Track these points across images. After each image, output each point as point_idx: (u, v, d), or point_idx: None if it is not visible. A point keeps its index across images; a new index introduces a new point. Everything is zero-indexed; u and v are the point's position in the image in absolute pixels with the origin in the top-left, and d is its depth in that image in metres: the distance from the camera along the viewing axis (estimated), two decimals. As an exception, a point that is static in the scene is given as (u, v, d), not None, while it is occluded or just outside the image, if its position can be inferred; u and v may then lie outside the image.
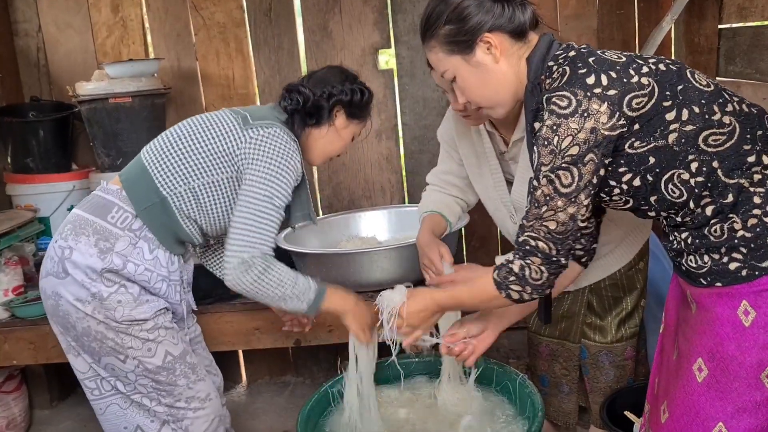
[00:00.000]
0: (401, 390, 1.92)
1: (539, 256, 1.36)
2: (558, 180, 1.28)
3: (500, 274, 1.42)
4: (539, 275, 1.37)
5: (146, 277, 1.74)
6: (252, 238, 1.65)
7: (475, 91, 1.46)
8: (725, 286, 1.28)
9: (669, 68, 1.30)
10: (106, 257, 1.70)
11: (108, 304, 1.70)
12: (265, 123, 1.74)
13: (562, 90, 1.27)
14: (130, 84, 2.65)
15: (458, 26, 1.40)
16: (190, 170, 1.72)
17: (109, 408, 1.85)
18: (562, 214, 1.31)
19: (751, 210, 1.25)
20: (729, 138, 1.27)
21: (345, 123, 1.89)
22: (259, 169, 1.68)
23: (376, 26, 2.93)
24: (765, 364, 1.25)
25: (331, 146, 1.91)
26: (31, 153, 2.90)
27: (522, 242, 1.38)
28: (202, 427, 1.85)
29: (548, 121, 1.26)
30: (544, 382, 2.32)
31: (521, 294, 1.41)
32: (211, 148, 1.72)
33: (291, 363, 3.24)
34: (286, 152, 1.71)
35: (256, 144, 1.70)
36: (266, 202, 1.67)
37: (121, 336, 1.73)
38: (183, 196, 1.73)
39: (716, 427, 1.29)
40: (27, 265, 2.66)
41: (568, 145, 1.25)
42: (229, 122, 1.75)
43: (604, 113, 1.24)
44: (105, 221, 1.73)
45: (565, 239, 1.34)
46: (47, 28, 3.06)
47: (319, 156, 1.92)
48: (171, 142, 1.75)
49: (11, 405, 2.78)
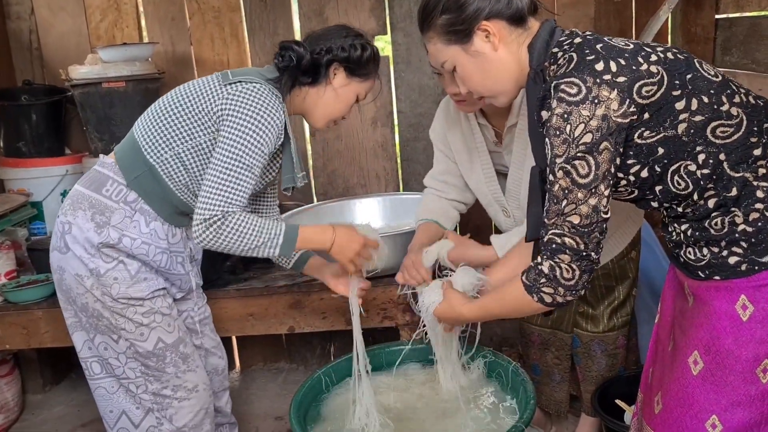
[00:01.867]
0: (394, 376, 1.92)
1: (568, 254, 1.29)
2: (575, 171, 1.24)
3: (529, 277, 1.34)
4: (571, 274, 1.30)
5: (144, 251, 1.73)
6: (215, 198, 1.60)
7: (475, 80, 1.44)
8: (724, 279, 1.27)
9: (677, 57, 1.29)
10: (102, 231, 1.70)
11: (105, 280, 1.70)
12: (245, 78, 1.66)
13: (570, 77, 1.23)
14: (123, 68, 2.63)
15: (455, 15, 1.38)
16: (174, 136, 1.69)
17: (97, 390, 1.88)
18: (584, 207, 1.25)
19: (753, 204, 1.24)
20: (736, 130, 1.25)
21: (344, 81, 1.77)
22: (233, 126, 1.61)
23: (372, 12, 2.92)
24: (761, 358, 1.24)
25: (332, 107, 1.80)
26: (23, 137, 2.88)
27: (548, 241, 1.31)
28: (186, 417, 1.84)
29: (558, 109, 1.23)
30: (536, 370, 2.33)
31: (554, 297, 1.33)
32: (192, 110, 1.68)
33: (284, 349, 3.25)
34: (265, 109, 1.62)
35: (233, 100, 1.63)
36: (235, 160, 1.60)
37: (115, 317, 1.73)
38: (170, 162, 1.70)
39: (710, 420, 1.29)
40: (19, 249, 2.65)
41: (581, 133, 1.21)
42: (210, 82, 1.70)
43: (615, 100, 1.21)
44: (100, 195, 1.72)
45: (591, 232, 1.27)
46: (40, 11, 3.03)
47: (321, 118, 1.82)
48: (157, 110, 1.73)
49: (4, 389, 2.78)
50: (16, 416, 2.88)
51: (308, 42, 1.77)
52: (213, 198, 1.60)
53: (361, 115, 2.99)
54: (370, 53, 1.79)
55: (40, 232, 2.87)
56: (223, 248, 1.64)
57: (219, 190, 1.60)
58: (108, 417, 1.90)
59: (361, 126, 3.01)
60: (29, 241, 2.73)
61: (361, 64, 1.77)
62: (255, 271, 2.51)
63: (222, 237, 1.61)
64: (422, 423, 1.73)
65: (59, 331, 2.31)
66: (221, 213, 1.59)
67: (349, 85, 1.78)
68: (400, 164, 3.06)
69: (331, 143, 3.03)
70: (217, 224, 1.60)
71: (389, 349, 1.98)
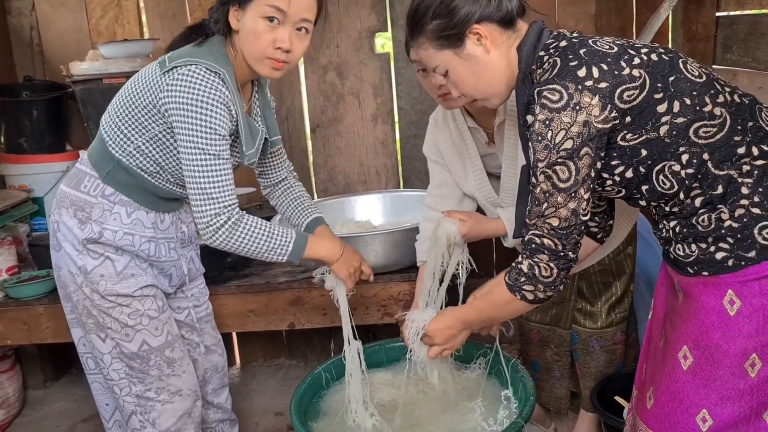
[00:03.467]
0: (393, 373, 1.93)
1: (546, 253, 1.35)
2: (556, 175, 1.28)
3: (511, 277, 1.42)
4: (549, 272, 1.36)
5: (129, 241, 1.73)
6: (206, 197, 1.60)
7: (468, 83, 1.44)
8: (711, 275, 1.29)
9: (661, 58, 1.30)
10: (85, 227, 1.70)
11: (92, 277, 1.72)
12: (180, 62, 1.58)
13: (553, 83, 1.26)
14: (124, 64, 2.63)
15: (446, 20, 1.38)
16: (132, 129, 1.67)
17: (93, 384, 1.91)
18: (564, 210, 1.30)
19: (738, 200, 1.26)
20: (719, 130, 1.27)
21: (238, 14, 1.60)
22: (182, 121, 1.57)
23: (373, 9, 2.91)
24: (749, 352, 1.26)
25: (250, 45, 1.60)
26: (24, 133, 2.88)
27: (528, 241, 1.37)
28: (168, 421, 1.83)
29: (540, 115, 1.26)
30: (536, 367, 2.34)
31: (535, 293, 1.40)
32: (141, 103, 1.64)
33: (285, 346, 3.25)
34: (204, 92, 1.55)
35: (171, 90, 1.57)
36: (200, 154, 1.58)
37: (102, 315, 1.74)
38: (134, 155, 1.69)
39: (700, 414, 1.30)
40: (20, 245, 2.65)
41: (562, 139, 1.24)
42: (151, 72, 1.64)
43: (596, 106, 1.23)
44: (79, 191, 1.73)
45: (569, 234, 1.33)
46: (41, 6, 3.03)
47: (254, 62, 1.63)
48: (115, 104, 1.72)
49: (5, 385, 2.79)
50: (17, 411, 2.88)
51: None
52: (203, 203, 1.60)
53: (361, 112, 2.99)
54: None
55: (41, 228, 2.87)
56: (233, 250, 1.66)
57: (204, 192, 1.60)
58: (104, 410, 1.93)
59: (361, 123, 3.01)
60: (30, 237, 2.74)
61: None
62: (255, 268, 2.51)
63: (234, 239, 1.63)
64: (421, 420, 1.74)
65: (60, 326, 2.31)
66: (222, 214, 1.60)
67: (245, 18, 1.59)
68: (400, 161, 3.06)
69: (331, 140, 3.03)
70: (226, 227, 1.61)
71: (389, 345, 1.99)
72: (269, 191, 2.02)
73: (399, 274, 2.32)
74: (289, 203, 1.99)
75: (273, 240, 1.67)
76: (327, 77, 2.98)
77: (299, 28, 1.61)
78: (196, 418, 1.91)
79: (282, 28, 1.58)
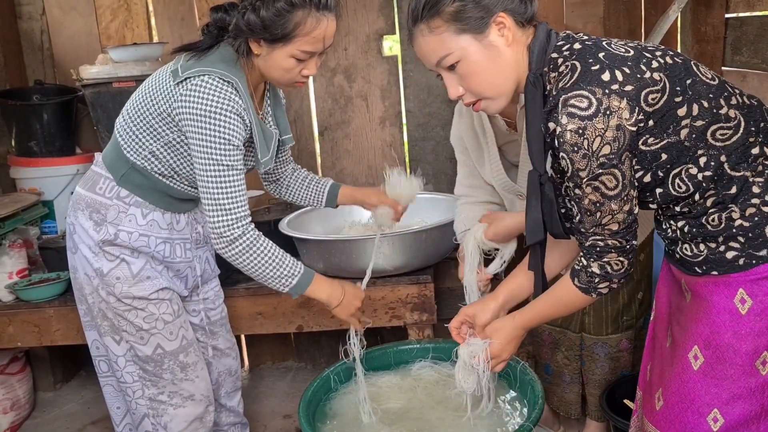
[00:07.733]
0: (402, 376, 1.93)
1: (614, 252, 1.34)
2: (603, 185, 1.25)
3: (582, 280, 1.39)
4: (620, 265, 1.35)
5: (144, 243, 1.74)
6: (218, 207, 1.61)
7: (482, 76, 1.34)
8: (722, 274, 1.28)
9: (675, 61, 1.29)
10: (101, 228, 1.71)
11: (108, 280, 1.73)
12: (192, 72, 1.59)
13: (578, 89, 1.22)
14: (134, 68, 2.65)
15: (473, 2, 1.30)
16: (146, 134, 1.68)
17: (105, 387, 1.92)
18: (620, 215, 1.29)
19: (749, 199, 1.25)
20: (735, 132, 1.27)
21: (262, 47, 1.60)
22: (195, 132, 1.58)
23: (381, 12, 2.92)
24: (760, 350, 1.26)
25: (277, 75, 1.64)
26: (35, 136, 2.90)
27: (590, 246, 1.35)
28: (180, 425, 1.84)
29: (570, 125, 1.21)
30: (548, 370, 2.33)
31: (610, 287, 1.39)
32: (155, 109, 1.65)
33: (293, 348, 3.26)
34: (218, 103, 1.56)
35: (184, 102, 1.58)
36: (214, 165, 1.59)
37: (118, 318, 1.75)
38: (148, 159, 1.70)
39: (711, 414, 1.30)
40: (31, 248, 2.67)
41: (599, 146, 1.21)
42: (164, 80, 1.65)
43: (625, 109, 1.21)
44: (94, 193, 1.74)
45: (629, 230, 1.32)
46: (51, 10, 3.05)
47: (277, 84, 1.70)
48: (129, 108, 1.73)
49: (15, 387, 2.81)
50: (28, 413, 2.90)
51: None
52: (216, 214, 1.62)
53: (369, 115, 2.99)
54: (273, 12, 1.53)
55: (51, 230, 2.89)
56: (241, 267, 1.67)
57: (217, 202, 1.61)
58: (115, 414, 1.93)
59: (369, 125, 3.01)
60: (40, 240, 2.75)
61: (267, 28, 1.54)
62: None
63: (245, 257, 1.65)
64: (429, 423, 1.74)
65: (70, 329, 2.33)
66: (235, 228, 1.62)
67: (273, 53, 1.59)
68: (408, 164, 3.06)
69: (339, 142, 3.04)
70: (240, 243, 1.63)
71: (397, 348, 1.98)
72: (274, 186, 2.04)
73: (407, 276, 2.32)
74: (300, 183, 2.02)
75: (281, 269, 1.69)
76: (335, 80, 2.98)
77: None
78: (208, 423, 1.91)
79: (311, 61, 1.62)
